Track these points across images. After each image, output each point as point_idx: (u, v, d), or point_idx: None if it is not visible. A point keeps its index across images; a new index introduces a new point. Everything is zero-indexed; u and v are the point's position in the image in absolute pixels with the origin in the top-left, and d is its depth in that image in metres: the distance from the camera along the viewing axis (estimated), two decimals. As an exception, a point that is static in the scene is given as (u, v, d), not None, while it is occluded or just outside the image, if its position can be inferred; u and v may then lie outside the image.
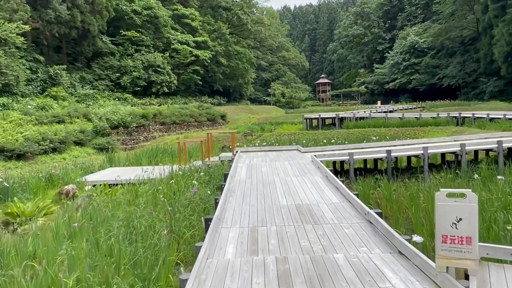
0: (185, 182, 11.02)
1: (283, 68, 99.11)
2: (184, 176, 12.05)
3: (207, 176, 11.78)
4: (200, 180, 11.31)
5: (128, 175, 14.22)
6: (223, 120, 47.30)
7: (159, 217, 6.91)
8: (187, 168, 14.52)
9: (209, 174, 11.81)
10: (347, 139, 23.69)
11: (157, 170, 13.19)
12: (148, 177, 12.81)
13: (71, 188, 12.44)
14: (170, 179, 11.57)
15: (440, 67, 65.86)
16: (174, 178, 11.89)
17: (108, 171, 16.33)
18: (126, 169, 16.64)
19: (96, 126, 27.22)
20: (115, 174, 15.05)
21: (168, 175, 12.76)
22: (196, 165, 15.03)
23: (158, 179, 12.37)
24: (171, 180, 10.60)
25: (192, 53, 55.39)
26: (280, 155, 14.71)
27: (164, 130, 34.48)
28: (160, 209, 7.67)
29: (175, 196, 9.11)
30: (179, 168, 14.13)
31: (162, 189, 9.55)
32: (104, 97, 43.89)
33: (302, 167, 11.52)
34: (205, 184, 11.10)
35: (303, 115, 31.83)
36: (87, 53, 45.10)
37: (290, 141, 23.32)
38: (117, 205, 8.56)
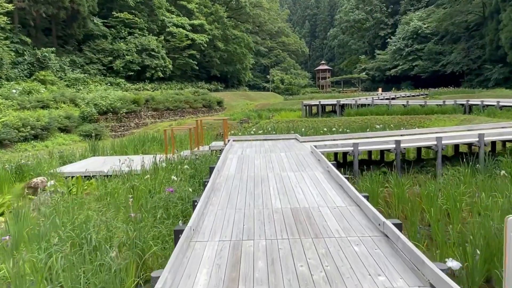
0: (167, 175, 9.64)
1: (282, 54, 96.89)
2: (167, 169, 10.67)
3: (193, 168, 10.39)
4: (184, 173, 9.93)
5: (109, 166, 12.88)
6: (220, 107, 45.75)
7: (119, 225, 5.53)
8: (174, 158, 13.17)
9: (195, 167, 10.41)
10: (348, 128, 22.27)
11: (140, 161, 11.83)
12: (128, 169, 11.45)
13: (40, 181, 11.02)
14: (152, 171, 10.19)
15: (443, 54, 64.07)
16: (156, 171, 10.52)
17: (89, 161, 14.94)
18: (108, 159, 15.24)
19: (83, 112, 25.70)
20: (94, 164, 13.68)
21: (151, 167, 11.42)
22: (184, 155, 13.67)
23: (140, 171, 11.04)
24: (150, 174, 9.21)
25: (188, 36, 53.47)
26: (276, 145, 13.31)
27: (156, 117, 32.97)
28: (125, 214, 6.29)
29: (151, 194, 7.74)
30: (165, 159, 12.77)
31: (138, 186, 8.17)
32: (96, 81, 42.19)
33: (300, 160, 10.12)
34: (189, 179, 9.72)
35: (302, 102, 30.35)
36: (77, 36, 43.22)
37: (288, 129, 21.90)
38: (79, 206, 7.19)
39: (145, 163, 11.29)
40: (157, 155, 14.39)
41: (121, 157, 15.61)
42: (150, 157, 14.40)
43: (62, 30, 43.23)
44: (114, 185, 8.45)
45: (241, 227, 5.32)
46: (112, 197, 7.56)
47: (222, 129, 29.08)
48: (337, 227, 5.22)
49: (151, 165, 11.57)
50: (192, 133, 14.18)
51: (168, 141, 17.07)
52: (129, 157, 14.57)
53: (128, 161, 11.37)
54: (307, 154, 10.85)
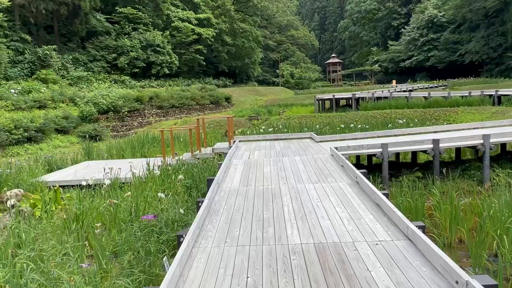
0: (157, 188, 7.98)
1: (291, 48, 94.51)
2: (160, 178, 9.00)
3: (190, 177, 8.69)
4: (179, 185, 8.24)
5: (99, 174, 11.36)
6: (228, 103, 44.03)
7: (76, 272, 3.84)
8: (173, 161, 11.57)
9: (192, 176, 8.71)
10: (367, 123, 20.33)
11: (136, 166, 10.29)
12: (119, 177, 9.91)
13: (15, 195, 9.45)
14: (138, 185, 8.52)
15: (461, 43, 61.20)
16: (147, 181, 8.87)
17: (79, 166, 13.39)
18: (102, 164, 13.66)
19: (82, 112, 24.24)
20: (84, 172, 12.12)
21: (143, 175, 9.81)
22: (184, 159, 12.02)
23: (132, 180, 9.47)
24: (136, 188, 7.54)
25: (194, 31, 51.75)
26: (289, 146, 11.52)
27: (161, 115, 31.42)
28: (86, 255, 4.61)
29: (131, 216, 6.05)
30: (161, 164, 11.14)
31: (116, 207, 6.47)
32: (100, 79, 40.83)
33: (319, 166, 8.33)
34: (185, 191, 8.03)
35: (315, 96, 28.44)
36: (80, 33, 41.84)
37: (301, 126, 20.08)
38: (40, 234, 5.55)
39: (138, 169, 9.67)
40: (156, 159, 12.85)
41: (116, 162, 14.07)
42: (147, 161, 12.83)
43: (64, 27, 41.92)
44: (89, 204, 6.78)
45: (243, 282, 3.58)
46: (78, 222, 5.90)
47: (230, 126, 27.45)
48: (388, 283, 3.44)
49: (144, 173, 9.96)
50: (194, 133, 12.51)
51: (168, 142, 15.44)
52: (125, 161, 13.10)
53: (118, 168, 9.76)
54: (327, 158, 9.04)
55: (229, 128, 12.40)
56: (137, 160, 13.74)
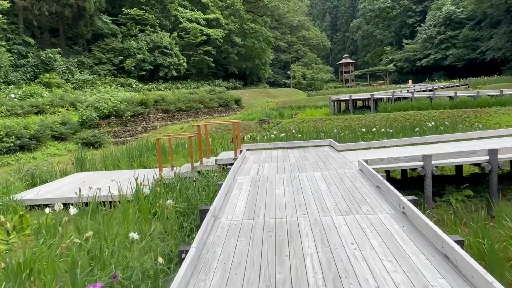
0: (146, 214, 6.27)
1: (303, 49, 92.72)
2: (148, 200, 7.30)
3: (184, 200, 6.96)
4: (168, 211, 6.50)
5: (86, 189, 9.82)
6: (238, 105, 42.37)
7: None
8: (171, 173, 9.96)
9: (186, 198, 6.97)
10: (390, 126, 18.36)
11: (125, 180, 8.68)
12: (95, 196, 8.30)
13: (-24, 219, 7.87)
14: (119, 211, 6.83)
15: (481, 40, 58.48)
16: (128, 207, 7.17)
17: (66, 180, 11.78)
18: (93, 176, 12.08)
19: (82, 117, 22.80)
20: (69, 187, 10.50)
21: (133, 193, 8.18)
22: (183, 171, 10.35)
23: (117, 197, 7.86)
24: (108, 219, 5.84)
25: (203, 32, 50.32)
26: (305, 157, 9.71)
27: (167, 119, 29.87)
28: None
29: (92, 265, 4.33)
30: (154, 181, 9.48)
31: (79, 250, 4.76)
32: (106, 83, 39.65)
33: (347, 186, 6.50)
34: (174, 220, 6.29)
35: (330, 97, 26.50)
36: (85, 35, 40.73)
37: (317, 131, 18.21)
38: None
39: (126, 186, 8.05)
40: (154, 170, 11.24)
41: (109, 174, 12.48)
42: (136, 176, 11.21)
43: (70, 30, 40.84)
44: (49, 242, 5.10)
45: None
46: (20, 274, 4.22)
47: (240, 130, 25.73)
48: None
49: (131, 191, 8.30)
50: (200, 140, 10.80)
51: (163, 150, 13.85)
52: (118, 174, 11.58)
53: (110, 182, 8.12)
54: (355, 175, 7.20)
55: (234, 135, 10.64)
56: (132, 172, 12.11)
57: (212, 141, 19.05)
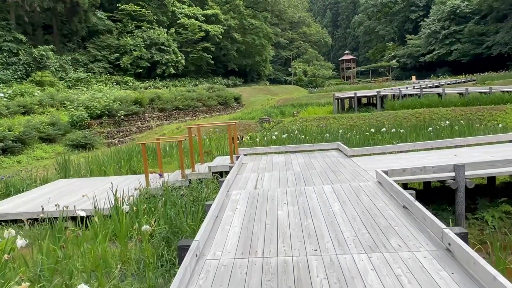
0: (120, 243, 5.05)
1: (304, 45, 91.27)
2: (124, 221, 6.09)
3: (167, 222, 5.75)
4: (147, 234, 5.28)
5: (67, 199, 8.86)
6: (238, 103, 41.10)
7: None
8: (159, 182, 8.83)
9: (169, 220, 5.76)
10: (400, 126, 17.11)
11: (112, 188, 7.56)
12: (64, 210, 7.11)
13: None
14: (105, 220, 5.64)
15: (487, 34, 56.98)
16: (100, 228, 5.99)
17: (44, 190, 10.62)
18: (75, 184, 10.93)
19: (72, 117, 21.59)
20: (45, 198, 9.32)
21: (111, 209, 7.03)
22: (172, 180, 9.22)
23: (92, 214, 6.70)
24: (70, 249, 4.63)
25: (202, 28, 48.98)
26: (311, 164, 8.48)
27: (164, 118, 28.64)
28: None
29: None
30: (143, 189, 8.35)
31: None
32: (101, 81, 38.36)
33: (366, 206, 5.27)
34: (150, 253, 5.07)
35: (334, 94, 25.20)
36: (80, 32, 39.43)
37: (321, 131, 16.96)
38: None
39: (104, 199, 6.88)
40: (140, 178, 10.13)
41: (93, 181, 11.33)
42: (128, 182, 10.13)
43: (63, 26, 39.53)
44: None
45: None
46: None
47: (240, 130, 24.47)
48: None
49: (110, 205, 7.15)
50: (191, 145, 9.58)
51: (154, 154, 12.68)
52: (112, 179, 10.54)
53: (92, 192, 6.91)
54: (374, 190, 5.97)
55: (230, 140, 9.40)
56: (117, 179, 10.95)
57: (209, 142, 17.83)
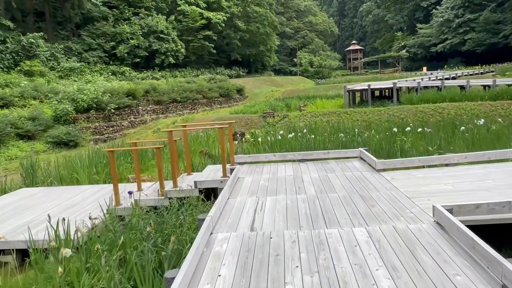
0: None
1: (310, 35, 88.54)
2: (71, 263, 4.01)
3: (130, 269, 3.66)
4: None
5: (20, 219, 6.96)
6: (240, 95, 38.92)
7: None
8: (130, 202, 6.80)
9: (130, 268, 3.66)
10: (424, 123, 14.87)
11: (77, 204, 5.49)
12: None
13: None
14: None
15: (504, 23, 54.05)
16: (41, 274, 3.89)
17: (3, 201, 8.69)
18: (37, 196, 8.95)
19: (55, 110, 19.54)
20: None
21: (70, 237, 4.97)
22: (150, 197, 7.19)
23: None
24: None
25: (203, 15, 46.56)
26: (329, 182, 6.33)
27: (159, 111, 26.53)
28: None
29: None
30: (110, 210, 6.33)
31: None
32: (96, 71, 36.27)
33: (430, 275, 3.14)
34: None
35: (346, 86, 22.90)
36: (73, 18, 37.21)
37: (333, 129, 14.76)
38: None
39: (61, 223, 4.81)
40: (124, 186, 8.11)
41: (59, 191, 9.34)
42: (98, 195, 8.15)
43: (56, 12, 37.28)
44: None
45: None
46: None
47: (241, 125, 22.32)
48: None
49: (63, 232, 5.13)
50: (174, 152, 7.47)
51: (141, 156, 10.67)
52: (69, 192, 8.58)
53: None
54: (433, 237, 3.84)
55: (224, 146, 7.24)
56: (89, 191, 8.98)
57: (207, 140, 15.73)
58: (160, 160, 7.25)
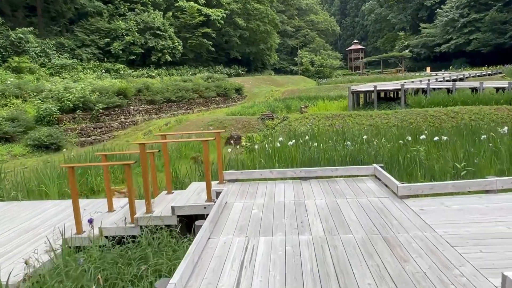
0: None
1: (311, 34, 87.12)
2: None
3: None
4: None
5: None
6: (239, 95, 37.54)
7: None
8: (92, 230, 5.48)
9: None
10: (440, 129, 13.51)
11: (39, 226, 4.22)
12: None
13: None
14: None
15: (510, 23, 52.61)
16: None
17: None
18: None
19: (38, 110, 18.16)
20: None
21: None
22: (112, 226, 5.87)
23: None
24: None
25: (201, 12, 45.15)
26: (341, 217, 4.95)
27: (152, 112, 25.14)
28: None
29: None
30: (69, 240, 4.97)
31: None
32: (89, 68, 34.88)
33: None
34: None
35: (350, 87, 21.50)
36: (65, 13, 35.78)
37: (337, 135, 13.40)
38: None
39: None
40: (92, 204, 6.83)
41: (22, 207, 8.05)
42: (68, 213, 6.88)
43: (48, 7, 35.83)
44: None
45: None
46: None
47: (238, 127, 20.95)
48: None
49: None
50: (144, 167, 6.13)
51: None
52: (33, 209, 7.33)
53: None
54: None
55: (208, 163, 5.88)
56: (55, 209, 7.69)
57: (200, 144, 14.34)
58: (130, 180, 5.89)
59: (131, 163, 5.88)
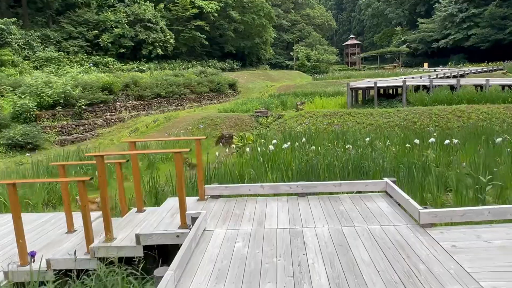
0: None
1: (307, 28, 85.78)
2: None
3: None
4: None
5: None
6: (233, 90, 36.29)
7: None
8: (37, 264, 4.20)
9: None
10: (444, 131, 12.45)
11: None
12: None
13: None
14: None
15: (510, 18, 51.72)
16: None
17: None
18: None
19: (14, 107, 16.87)
20: None
21: None
22: (62, 258, 4.62)
23: None
24: None
25: (195, 4, 43.69)
26: (352, 258, 3.83)
27: (140, 108, 23.87)
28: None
29: None
30: None
31: None
32: (76, 61, 33.45)
33: None
34: None
35: (348, 84, 20.38)
36: (51, 4, 34.22)
37: (337, 137, 12.27)
38: None
39: None
40: None
41: None
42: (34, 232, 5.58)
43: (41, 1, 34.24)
44: None
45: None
46: None
47: (230, 126, 19.79)
48: None
49: None
50: (103, 185, 4.94)
51: None
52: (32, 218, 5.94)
53: None
54: None
55: (182, 181, 4.71)
56: (26, 227, 6.48)
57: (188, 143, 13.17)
58: (85, 197, 4.72)
59: (87, 179, 4.69)
